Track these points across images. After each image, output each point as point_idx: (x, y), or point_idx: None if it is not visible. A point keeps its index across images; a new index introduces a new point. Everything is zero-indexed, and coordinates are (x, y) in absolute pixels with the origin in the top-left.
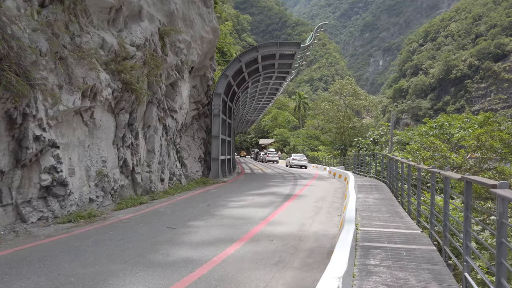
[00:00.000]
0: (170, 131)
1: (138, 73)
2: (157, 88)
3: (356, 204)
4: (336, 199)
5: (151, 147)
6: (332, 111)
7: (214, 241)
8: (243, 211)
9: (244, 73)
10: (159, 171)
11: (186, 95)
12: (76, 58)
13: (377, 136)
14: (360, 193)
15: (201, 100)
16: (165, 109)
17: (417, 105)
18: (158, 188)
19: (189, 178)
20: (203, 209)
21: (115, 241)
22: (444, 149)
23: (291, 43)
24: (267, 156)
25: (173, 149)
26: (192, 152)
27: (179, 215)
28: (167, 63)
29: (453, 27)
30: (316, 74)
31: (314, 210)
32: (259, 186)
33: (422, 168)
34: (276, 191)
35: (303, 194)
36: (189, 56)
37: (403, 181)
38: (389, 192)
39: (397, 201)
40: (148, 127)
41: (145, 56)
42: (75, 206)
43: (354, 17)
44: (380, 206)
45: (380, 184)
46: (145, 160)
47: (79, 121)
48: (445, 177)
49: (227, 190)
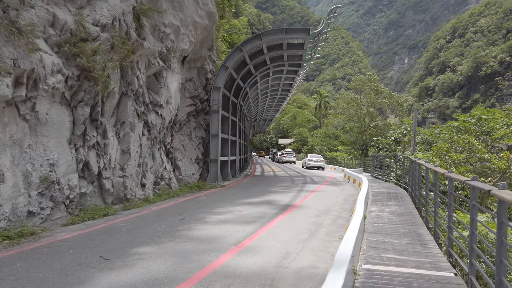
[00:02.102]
0: (155, 129)
1: (104, 59)
2: (133, 78)
3: (365, 222)
4: (342, 212)
5: (126, 147)
6: (352, 109)
7: (143, 286)
8: (219, 229)
9: (249, 65)
10: (139, 175)
11: (175, 88)
12: (4, 35)
13: (399, 135)
14: (375, 204)
15: (199, 95)
16: (147, 103)
17: (444, 104)
18: (136, 195)
19: (183, 182)
20: (171, 226)
21: None
22: (483, 150)
23: (298, 30)
24: (284, 157)
25: (160, 149)
26: (187, 153)
27: (133, 235)
28: (144, 48)
29: (483, 22)
30: (339, 73)
31: (310, 229)
32: (258, 193)
33: (456, 178)
34: (274, 200)
35: (304, 204)
36: (179, 44)
37: (428, 191)
38: (410, 203)
39: (420, 216)
40: (122, 124)
41: (114, 38)
42: (5, 222)
43: (378, 14)
44: (397, 225)
45: (400, 192)
46: (118, 162)
47: (14, 114)
48: (501, 200)
49: (219, 197)
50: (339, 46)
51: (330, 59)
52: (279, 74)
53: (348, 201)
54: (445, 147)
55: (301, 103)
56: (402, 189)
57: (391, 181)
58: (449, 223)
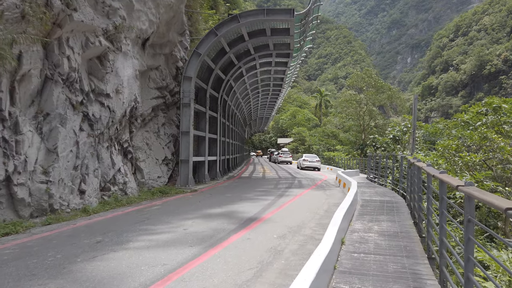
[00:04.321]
0: (100, 124)
1: (10, 32)
2: (61, 59)
3: (342, 249)
4: (318, 231)
5: (53, 145)
6: (351, 107)
7: None
8: (132, 261)
9: (229, 53)
10: (75, 180)
11: (129, 75)
12: None
13: (398, 132)
14: (362, 218)
15: (168, 86)
16: (86, 91)
17: (447, 103)
18: (71, 204)
19: (147, 186)
20: (72, 254)
21: None
22: (507, 150)
23: (281, 10)
24: (280, 157)
25: (110, 148)
26: (153, 152)
27: (2, 271)
28: (74, 21)
29: (487, 21)
30: (341, 72)
31: (262, 260)
32: (227, 200)
33: (483, 199)
34: (239, 211)
35: (274, 217)
36: (133, 22)
37: (430, 205)
38: (407, 218)
39: (419, 236)
40: (46, 116)
41: (25, 4)
42: None
43: (380, 14)
44: (387, 256)
45: (396, 200)
46: (41, 164)
47: None
48: None
49: (176, 206)
50: (341, 45)
51: (332, 58)
52: (268, 66)
53: (330, 212)
54: (454, 145)
55: (301, 102)
56: (399, 196)
57: (388, 186)
58: (466, 255)
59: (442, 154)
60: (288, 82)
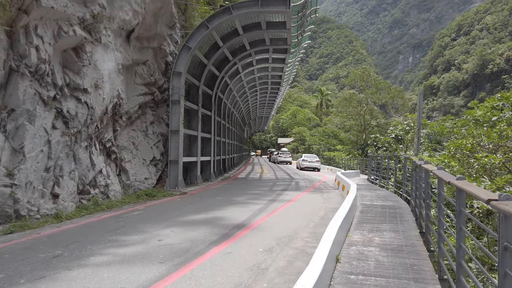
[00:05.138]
0: (76, 121)
1: None
2: (28, 49)
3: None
4: (311, 242)
5: (19, 144)
6: (351, 106)
7: None
8: (80, 286)
9: (223, 48)
10: (47, 183)
11: (110, 69)
12: None
13: (401, 131)
14: (361, 227)
15: (157, 82)
16: (60, 86)
17: (449, 103)
18: (41, 209)
19: (133, 188)
20: (16, 273)
21: None
22: None
23: (276, 1)
24: (279, 157)
25: (89, 148)
26: (140, 152)
27: None
28: (42, 7)
29: (489, 20)
30: (342, 71)
31: (239, 285)
32: (215, 204)
33: None
34: (226, 217)
35: (263, 225)
36: (115, 12)
37: (442, 216)
38: (412, 228)
39: (427, 250)
40: (11, 112)
41: None
42: None
43: (382, 13)
44: (390, 278)
45: (399, 205)
46: (5, 166)
47: None
48: None
49: (159, 211)
50: (343, 45)
51: (333, 58)
52: (265, 63)
53: (327, 219)
54: (469, 144)
55: (302, 101)
56: (402, 200)
57: (390, 188)
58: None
59: (454, 155)
60: (287, 80)
